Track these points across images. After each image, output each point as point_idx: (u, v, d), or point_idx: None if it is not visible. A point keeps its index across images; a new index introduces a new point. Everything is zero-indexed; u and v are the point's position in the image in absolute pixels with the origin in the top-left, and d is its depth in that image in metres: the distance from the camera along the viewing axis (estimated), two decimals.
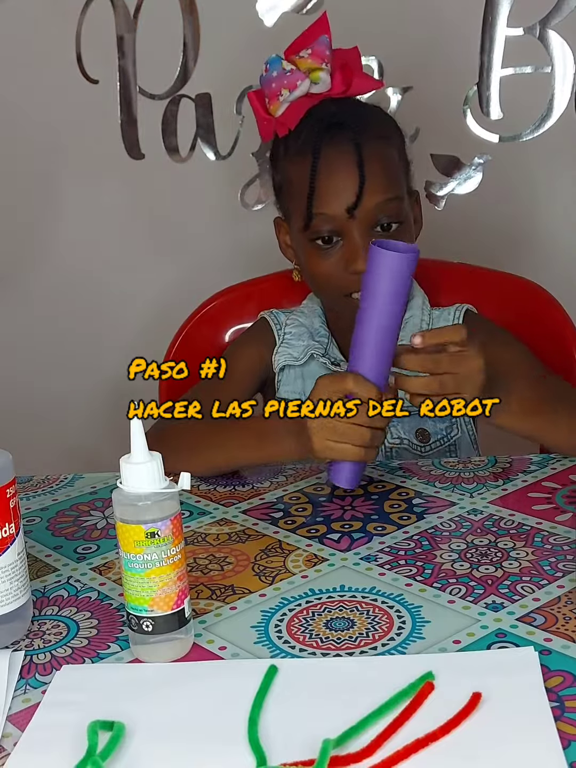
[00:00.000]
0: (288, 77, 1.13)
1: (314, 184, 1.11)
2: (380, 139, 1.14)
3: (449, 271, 1.41)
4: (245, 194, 1.72)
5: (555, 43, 1.55)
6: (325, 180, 1.11)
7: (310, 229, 1.14)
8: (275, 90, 1.14)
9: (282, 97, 1.14)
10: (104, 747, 0.65)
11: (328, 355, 1.24)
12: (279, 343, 1.27)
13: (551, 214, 1.76)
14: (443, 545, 0.91)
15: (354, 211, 1.10)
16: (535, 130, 1.60)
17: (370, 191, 1.10)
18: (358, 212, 1.11)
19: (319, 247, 1.14)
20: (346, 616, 0.80)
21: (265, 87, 1.16)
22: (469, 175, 1.58)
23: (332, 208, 1.11)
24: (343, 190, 1.11)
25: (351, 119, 1.13)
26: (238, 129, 1.70)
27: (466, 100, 1.56)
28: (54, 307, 1.83)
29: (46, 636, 0.81)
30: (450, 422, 1.22)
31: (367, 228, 1.12)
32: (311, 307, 1.29)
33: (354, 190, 1.10)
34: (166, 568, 0.75)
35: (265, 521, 0.99)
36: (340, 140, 1.11)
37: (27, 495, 1.10)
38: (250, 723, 0.67)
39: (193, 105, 1.72)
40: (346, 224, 1.11)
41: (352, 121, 1.12)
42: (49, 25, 1.67)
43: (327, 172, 1.11)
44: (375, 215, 1.12)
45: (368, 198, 1.10)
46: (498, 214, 1.73)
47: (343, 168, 1.11)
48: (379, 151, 1.13)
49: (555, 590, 0.81)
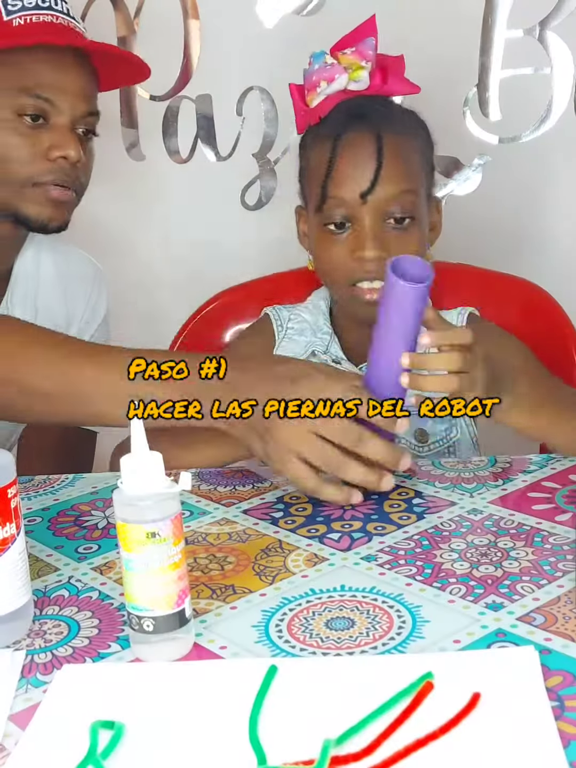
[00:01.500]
0: (328, 70, 1.16)
1: (332, 166, 1.14)
2: (403, 134, 1.16)
3: (449, 272, 1.41)
4: (246, 195, 1.72)
5: (554, 45, 1.55)
6: (342, 164, 1.14)
7: (323, 212, 1.16)
8: (315, 82, 1.17)
9: (320, 88, 1.17)
10: (105, 747, 0.66)
11: (329, 352, 1.25)
12: (279, 339, 1.28)
13: (551, 215, 1.76)
14: (443, 545, 0.91)
15: (367, 196, 1.12)
16: (535, 131, 1.59)
17: (385, 180, 1.12)
18: (371, 199, 1.12)
19: (331, 232, 1.15)
20: (347, 616, 0.80)
21: (307, 79, 1.18)
22: (469, 176, 1.58)
23: (346, 191, 1.13)
24: (359, 175, 1.12)
25: (377, 112, 1.15)
26: (239, 130, 1.70)
27: (466, 102, 1.56)
28: None
29: (47, 635, 0.82)
30: (450, 423, 1.23)
31: (379, 217, 1.13)
32: (316, 303, 1.30)
33: (369, 176, 1.12)
34: (167, 568, 0.75)
35: (266, 521, 0.99)
36: (362, 129, 1.13)
37: (28, 495, 1.11)
38: (250, 722, 0.67)
39: (193, 106, 1.72)
40: (358, 210, 1.13)
41: (378, 114, 1.15)
42: None
43: (345, 157, 1.13)
44: (388, 205, 1.13)
45: (383, 186, 1.12)
46: (497, 215, 1.74)
47: (361, 154, 1.13)
48: (400, 144, 1.15)
49: (555, 590, 0.81)
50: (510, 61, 1.54)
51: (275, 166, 1.74)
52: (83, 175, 1.28)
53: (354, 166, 1.13)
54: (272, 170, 1.75)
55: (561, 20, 1.51)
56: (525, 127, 1.56)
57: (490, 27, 1.53)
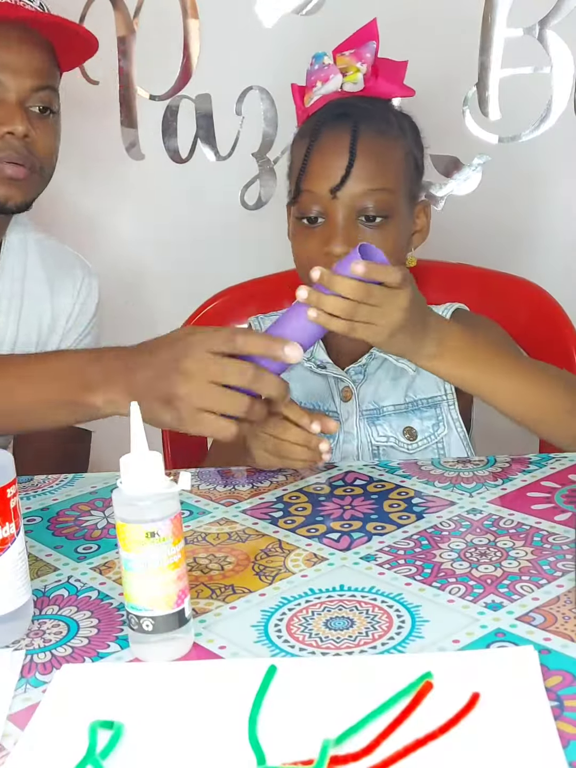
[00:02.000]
0: (324, 70, 1.17)
1: (306, 161, 1.15)
2: (382, 134, 1.15)
3: (449, 272, 1.41)
4: (246, 195, 1.72)
5: (554, 44, 1.55)
6: (316, 159, 1.14)
7: (297, 206, 1.17)
8: (312, 82, 1.18)
9: (315, 88, 1.18)
10: (104, 747, 0.66)
11: (314, 358, 1.25)
12: None
13: (550, 215, 1.76)
14: (443, 545, 0.91)
15: (337, 192, 1.12)
16: (534, 130, 1.59)
17: (356, 176, 1.12)
18: (342, 195, 1.13)
19: (305, 227, 1.16)
20: (346, 616, 0.80)
21: (307, 80, 1.20)
22: (469, 175, 1.58)
23: (318, 186, 1.14)
24: (330, 171, 1.13)
25: (359, 109, 1.15)
26: (239, 130, 1.70)
27: (466, 101, 1.56)
28: None
29: (47, 635, 0.82)
30: (436, 420, 1.23)
31: (351, 213, 1.13)
32: None
33: (340, 172, 1.12)
34: (166, 568, 0.75)
35: (265, 521, 0.99)
36: (339, 126, 1.14)
37: (27, 495, 1.11)
38: (250, 722, 0.67)
39: (193, 105, 1.72)
40: (330, 204, 1.13)
41: (359, 111, 1.15)
42: None
43: (319, 152, 1.14)
44: (360, 201, 1.13)
45: (354, 182, 1.12)
46: (497, 215, 1.73)
47: (335, 150, 1.13)
48: (377, 143, 1.15)
49: (554, 590, 0.81)
50: (510, 60, 1.54)
51: (275, 165, 1.74)
52: (40, 152, 1.26)
53: (326, 161, 1.14)
54: (272, 170, 1.75)
55: (561, 19, 1.51)
56: (525, 127, 1.56)
57: (489, 26, 1.53)
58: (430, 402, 1.23)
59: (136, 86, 1.70)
